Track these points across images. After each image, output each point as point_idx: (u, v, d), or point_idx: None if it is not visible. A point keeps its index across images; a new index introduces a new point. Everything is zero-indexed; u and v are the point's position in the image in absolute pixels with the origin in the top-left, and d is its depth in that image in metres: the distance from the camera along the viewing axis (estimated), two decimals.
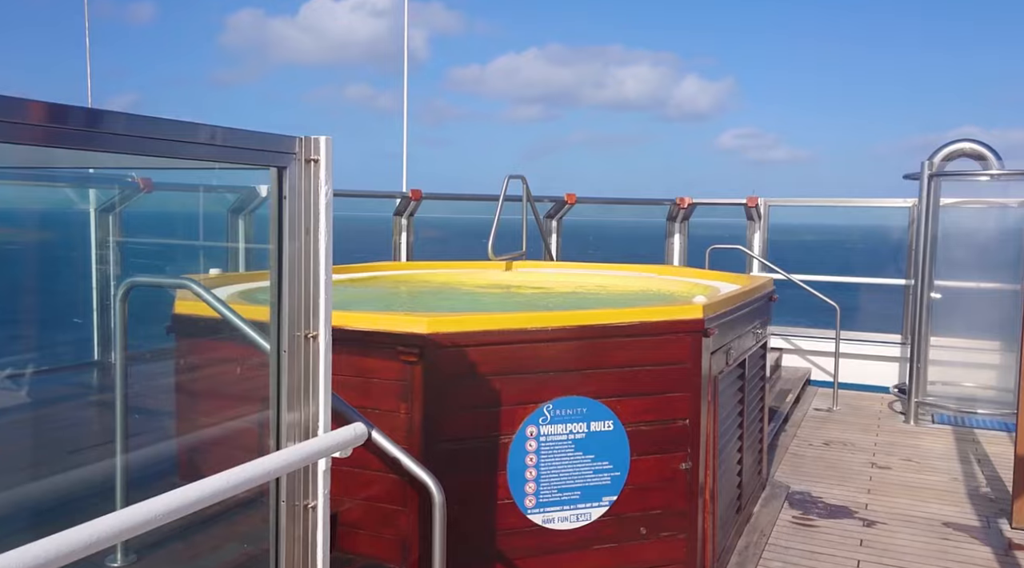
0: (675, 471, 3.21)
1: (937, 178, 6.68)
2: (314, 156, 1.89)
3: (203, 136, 1.65)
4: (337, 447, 1.86)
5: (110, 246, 5.56)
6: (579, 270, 5.76)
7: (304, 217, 1.89)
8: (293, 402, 1.89)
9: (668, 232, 8.74)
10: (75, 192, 5.57)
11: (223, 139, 1.72)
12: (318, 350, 1.92)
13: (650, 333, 3.14)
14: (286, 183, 1.85)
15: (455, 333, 2.85)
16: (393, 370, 2.86)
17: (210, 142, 1.67)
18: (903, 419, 6.66)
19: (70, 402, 4.26)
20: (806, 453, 5.69)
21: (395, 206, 7.41)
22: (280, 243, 1.86)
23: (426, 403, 2.84)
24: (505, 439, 2.96)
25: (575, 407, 3.04)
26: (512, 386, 2.96)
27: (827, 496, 4.83)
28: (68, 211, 5.55)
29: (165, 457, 3.18)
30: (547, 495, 3.02)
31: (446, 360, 2.86)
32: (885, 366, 7.66)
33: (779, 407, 6.49)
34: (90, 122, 1.43)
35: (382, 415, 2.90)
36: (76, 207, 5.56)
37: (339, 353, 2.97)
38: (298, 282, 1.89)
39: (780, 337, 8.14)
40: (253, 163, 1.82)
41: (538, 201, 8.30)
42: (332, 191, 1.93)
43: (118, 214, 5.59)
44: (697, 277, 5.24)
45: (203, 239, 7.13)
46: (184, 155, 1.66)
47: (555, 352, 3.01)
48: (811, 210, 9.17)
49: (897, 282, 7.89)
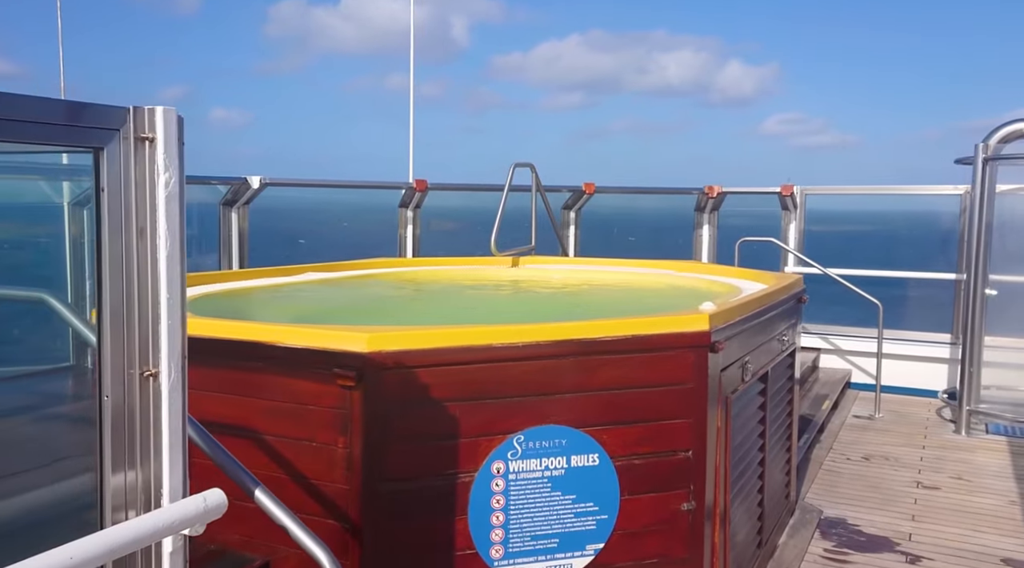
0: (675, 513, 2.69)
1: (993, 162, 6.00)
2: (148, 133, 1.41)
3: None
4: (180, 525, 1.38)
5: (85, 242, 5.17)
6: (588, 266, 5.24)
7: (136, 214, 1.42)
8: (120, 463, 1.42)
9: (696, 223, 8.15)
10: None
11: (3, 112, 1.25)
12: (160, 392, 1.45)
13: (644, 348, 2.62)
14: (104, 169, 1.38)
15: (401, 351, 2.37)
16: (329, 396, 2.39)
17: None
18: (953, 429, 6.02)
19: None
20: (842, 469, 5.11)
21: (400, 197, 6.96)
22: (99, 250, 1.39)
23: (367, 435, 2.36)
24: (466, 477, 2.47)
25: (552, 438, 2.54)
26: (474, 414, 2.46)
27: (865, 523, 4.26)
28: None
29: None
30: (518, 544, 2.52)
31: (391, 384, 2.38)
32: (933, 368, 7.00)
33: (814, 416, 5.89)
34: None
35: (318, 449, 2.43)
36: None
37: (271, 374, 2.53)
38: (128, 302, 1.42)
39: (818, 336, 7.52)
40: (55, 142, 1.35)
41: (555, 191, 7.79)
42: (179, 179, 1.45)
43: None
44: (718, 274, 4.69)
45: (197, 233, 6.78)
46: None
47: (527, 372, 2.51)
48: (852, 196, 8.49)
49: (947, 276, 7.20)
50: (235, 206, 6.23)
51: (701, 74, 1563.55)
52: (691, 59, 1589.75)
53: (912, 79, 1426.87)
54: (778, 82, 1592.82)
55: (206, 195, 6.34)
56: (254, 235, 6.59)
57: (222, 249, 6.24)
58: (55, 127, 1.33)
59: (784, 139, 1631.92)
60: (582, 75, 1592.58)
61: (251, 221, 6.46)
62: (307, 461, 2.45)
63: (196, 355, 2.62)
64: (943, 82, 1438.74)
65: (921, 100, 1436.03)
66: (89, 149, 1.38)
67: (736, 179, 14.65)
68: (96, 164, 1.39)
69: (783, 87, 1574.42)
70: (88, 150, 1.39)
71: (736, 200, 8.54)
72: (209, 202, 6.42)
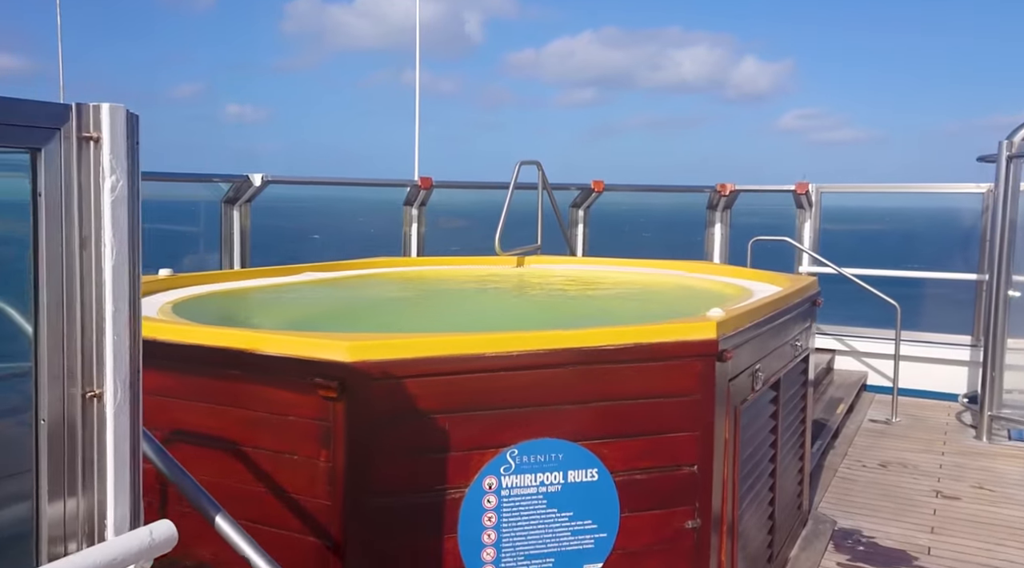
0: (679, 531, 2.55)
1: (1017, 160, 5.80)
2: (93, 132, 1.29)
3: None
4: (123, 561, 1.26)
5: None
6: (594, 266, 5.09)
7: (80, 222, 1.30)
8: (58, 492, 1.30)
9: (708, 222, 7.97)
10: None
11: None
12: (104, 415, 1.32)
13: (647, 358, 2.47)
14: (43, 172, 1.26)
15: (387, 361, 2.24)
16: (311, 406, 2.26)
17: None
18: (973, 434, 5.83)
19: None
20: (858, 477, 4.94)
21: (405, 195, 6.84)
22: (36, 260, 1.27)
23: (351, 448, 2.24)
24: (456, 493, 2.34)
25: (548, 452, 2.40)
26: (465, 427, 2.33)
27: (880, 535, 4.09)
28: None
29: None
30: (511, 563, 2.39)
31: (376, 395, 2.25)
32: (953, 371, 6.80)
33: (828, 420, 5.72)
34: None
35: (300, 463, 2.31)
36: None
37: (250, 383, 2.41)
38: (70, 317, 1.30)
39: (833, 337, 7.33)
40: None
41: (564, 189, 7.64)
42: (130, 182, 1.33)
43: None
44: (729, 275, 4.53)
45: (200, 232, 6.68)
46: None
47: (521, 383, 2.37)
48: (870, 194, 8.28)
49: (968, 277, 6.99)
50: (237, 204, 6.12)
51: (716, 70, 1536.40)
52: (705, 55, 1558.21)
53: (931, 74, 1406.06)
54: (793, 78, 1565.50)
55: (208, 192, 6.24)
56: (268, 231, 6.49)
57: (223, 248, 6.13)
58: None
59: (801, 135, 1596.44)
60: (595, 72, 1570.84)
61: (265, 217, 6.37)
62: (288, 475, 2.33)
63: (174, 362, 2.52)
64: (963, 77, 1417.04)
65: (940, 95, 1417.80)
66: (25, 149, 1.26)
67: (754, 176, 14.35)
68: (33, 166, 1.26)
69: (799, 83, 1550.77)
70: (24, 150, 1.27)
71: (750, 198, 8.35)
72: (211, 199, 6.32)
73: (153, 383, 2.54)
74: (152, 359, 2.56)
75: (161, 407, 2.50)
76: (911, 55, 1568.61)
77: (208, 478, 2.48)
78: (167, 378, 2.49)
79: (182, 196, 6.87)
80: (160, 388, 2.50)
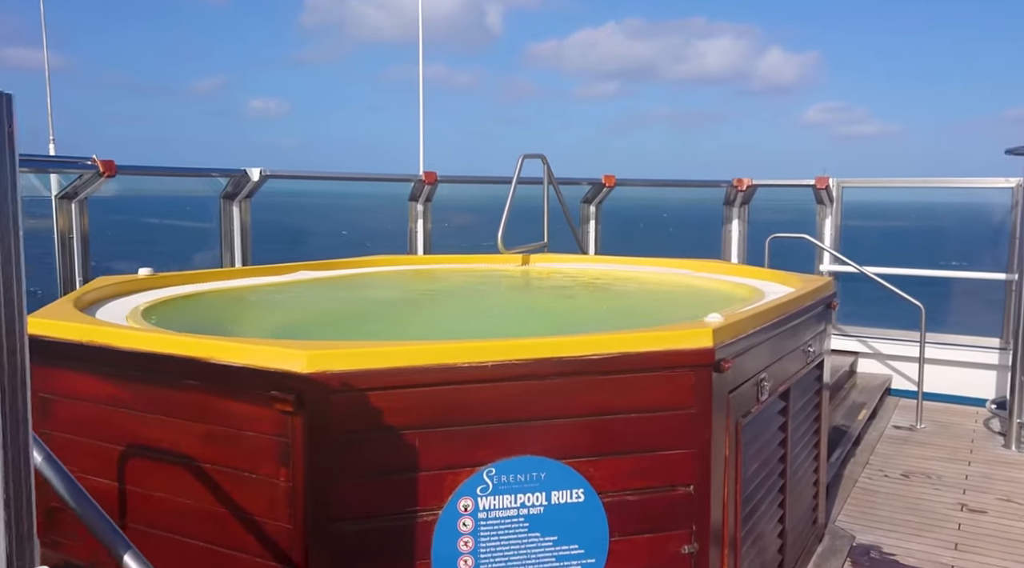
0: (674, 556, 2.34)
1: None
2: None
3: None
4: None
5: (74, 237, 4.97)
6: (602, 265, 4.88)
7: None
8: None
9: (725, 218, 7.71)
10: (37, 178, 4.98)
11: None
12: None
13: (637, 368, 2.26)
14: None
15: (349, 372, 2.05)
16: (270, 421, 2.08)
17: None
18: (1002, 442, 5.55)
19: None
20: (879, 488, 4.69)
21: (410, 190, 6.65)
22: None
23: (311, 467, 2.05)
24: (428, 516, 2.14)
25: (529, 471, 2.20)
26: (437, 444, 2.14)
27: (902, 552, 3.85)
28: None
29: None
30: None
31: (338, 409, 2.06)
32: (981, 375, 6.50)
33: (849, 427, 5.47)
34: None
35: (258, 483, 2.13)
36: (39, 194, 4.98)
37: (206, 394, 2.23)
38: None
39: (855, 338, 7.06)
40: None
41: (574, 183, 7.42)
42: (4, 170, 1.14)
43: (83, 201, 4.98)
44: (741, 275, 4.29)
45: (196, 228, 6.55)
46: None
47: (499, 396, 2.17)
48: (894, 189, 7.97)
49: (997, 276, 6.68)
50: (236, 199, 5.97)
51: (741, 61, 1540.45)
52: (730, 46, 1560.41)
53: (957, 65, 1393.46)
54: (818, 70, 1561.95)
55: (206, 187, 6.09)
56: (284, 227, 6.35)
57: (223, 244, 5.99)
58: None
59: (826, 128, 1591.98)
60: (618, 63, 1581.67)
61: (290, 212, 6.23)
62: (247, 495, 2.15)
63: (129, 371, 2.34)
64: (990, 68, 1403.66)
65: (967, 87, 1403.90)
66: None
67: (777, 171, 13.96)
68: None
69: (824, 75, 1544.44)
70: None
71: (772, 194, 8.07)
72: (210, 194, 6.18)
73: (107, 393, 2.38)
74: (106, 367, 2.40)
75: (115, 419, 2.34)
76: (936, 46, 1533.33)
77: (164, 495, 2.31)
78: (121, 389, 2.32)
79: (184, 191, 6.75)
80: (114, 399, 2.34)
